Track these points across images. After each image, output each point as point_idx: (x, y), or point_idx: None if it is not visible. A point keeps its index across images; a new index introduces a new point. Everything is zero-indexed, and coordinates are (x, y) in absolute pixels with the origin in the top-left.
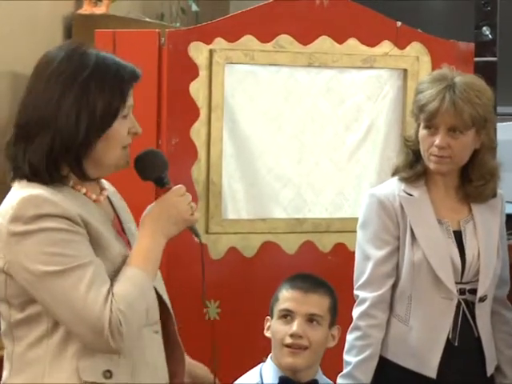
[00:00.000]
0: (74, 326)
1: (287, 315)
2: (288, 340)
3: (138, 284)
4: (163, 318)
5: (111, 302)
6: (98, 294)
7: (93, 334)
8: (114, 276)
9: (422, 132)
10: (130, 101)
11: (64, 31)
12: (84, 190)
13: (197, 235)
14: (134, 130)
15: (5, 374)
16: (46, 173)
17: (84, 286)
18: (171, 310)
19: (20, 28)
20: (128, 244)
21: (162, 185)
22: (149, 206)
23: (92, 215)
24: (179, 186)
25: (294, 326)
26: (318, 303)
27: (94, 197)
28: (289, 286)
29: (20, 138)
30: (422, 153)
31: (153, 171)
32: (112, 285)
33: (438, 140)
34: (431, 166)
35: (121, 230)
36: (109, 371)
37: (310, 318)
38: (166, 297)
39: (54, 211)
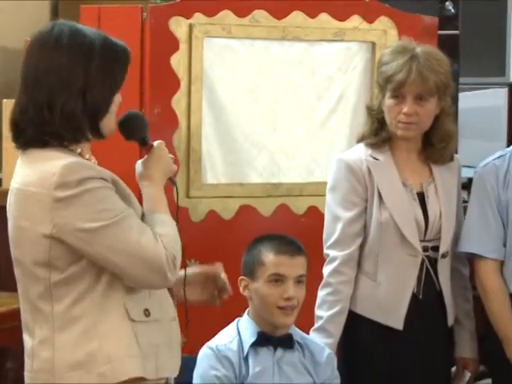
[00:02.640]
0: (133, 268)
1: (278, 279)
2: (282, 303)
3: (172, 225)
4: None
5: (161, 241)
6: (148, 236)
7: (152, 271)
8: None
9: (389, 101)
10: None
11: (51, 7)
12: (87, 157)
13: (174, 184)
14: (120, 99)
15: (41, 333)
16: (71, 135)
17: (135, 232)
18: None
19: (8, 5)
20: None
21: (144, 143)
22: (138, 163)
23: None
24: (160, 141)
25: (290, 290)
26: (302, 265)
27: (93, 161)
28: (275, 251)
29: (41, 106)
30: (388, 121)
31: (136, 132)
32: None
33: (405, 108)
34: (399, 132)
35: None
36: (147, 310)
37: (298, 280)
38: None
39: (93, 174)
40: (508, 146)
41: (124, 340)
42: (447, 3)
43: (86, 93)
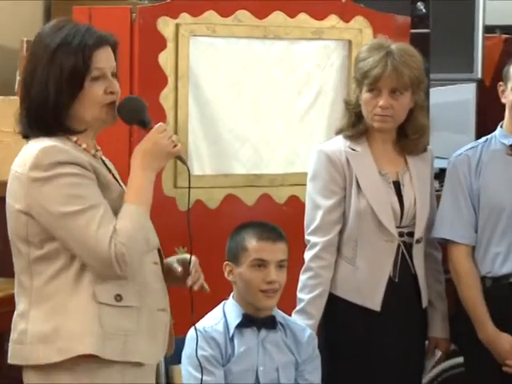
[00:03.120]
0: (87, 259)
1: (260, 264)
2: (264, 286)
3: (135, 218)
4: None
5: (116, 237)
6: (105, 231)
7: (103, 265)
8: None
9: (366, 95)
10: (102, 63)
11: (44, 7)
12: (84, 146)
13: (184, 163)
14: (109, 90)
15: (21, 307)
16: (35, 131)
17: (95, 224)
18: (163, 255)
19: (4, 6)
20: None
21: (144, 125)
22: (137, 147)
23: (92, 165)
24: (159, 124)
25: (272, 274)
26: (283, 250)
27: (92, 152)
28: (257, 237)
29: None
30: (365, 114)
31: (134, 115)
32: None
33: (381, 101)
34: (375, 124)
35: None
36: (119, 295)
37: (280, 264)
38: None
39: (68, 158)
40: (476, 139)
41: (86, 320)
42: (419, 3)
43: (45, 97)
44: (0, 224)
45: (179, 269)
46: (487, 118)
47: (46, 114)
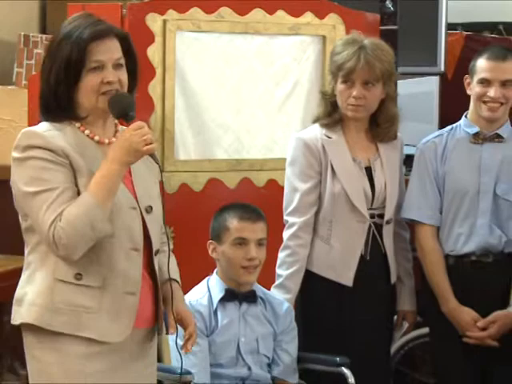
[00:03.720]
0: (39, 236)
1: (241, 242)
2: (245, 263)
3: (82, 205)
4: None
5: (59, 220)
6: (51, 214)
7: (47, 244)
8: None
9: (340, 86)
10: (100, 55)
11: (40, 4)
12: (87, 132)
13: (156, 161)
14: (106, 80)
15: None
16: (47, 114)
17: (45, 206)
18: (152, 243)
19: (3, 3)
20: (130, 183)
21: (127, 120)
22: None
23: (83, 151)
24: (138, 122)
25: (252, 252)
26: (263, 229)
27: (97, 138)
28: (238, 218)
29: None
30: (340, 104)
31: (120, 110)
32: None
33: (355, 92)
34: (349, 113)
35: (126, 177)
36: (79, 274)
37: (259, 242)
38: (154, 231)
39: (40, 143)
40: (439, 128)
41: (41, 292)
42: (387, 2)
43: (49, 83)
44: None
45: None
46: (449, 108)
47: (49, 101)
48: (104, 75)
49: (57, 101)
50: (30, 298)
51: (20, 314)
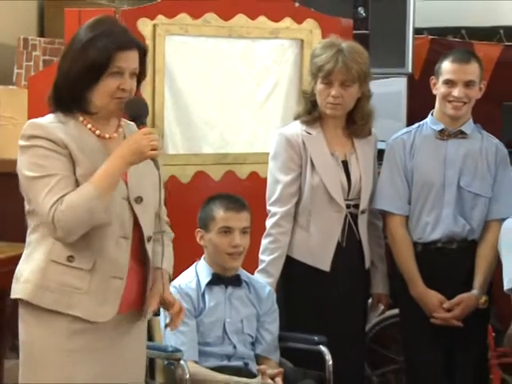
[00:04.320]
0: (40, 218)
1: (227, 231)
2: (230, 250)
3: (84, 195)
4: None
5: (59, 204)
6: (51, 197)
7: (47, 226)
8: None
9: (320, 86)
10: (122, 62)
11: (38, 10)
12: (89, 126)
13: (156, 167)
14: (122, 86)
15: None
16: (58, 106)
17: (46, 190)
18: (144, 231)
19: (3, 9)
20: (125, 175)
21: (138, 125)
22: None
23: (83, 144)
24: (148, 128)
25: (236, 239)
26: (246, 218)
27: (98, 132)
28: (224, 208)
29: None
30: (319, 102)
31: (135, 113)
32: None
33: (333, 91)
34: (328, 111)
35: None
36: (72, 256)
37: (243, 231)
38: (144, 220)
39: (42, 133)
40: (407, 125)
41: (35, 270)
42: (359, 8)
43: (68, 77)
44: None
45: (169, 318)
46: (416, 106)
47: (62, 93)
48: (121, 82)
49: (71, 94)
50: (25, 276)
51: (16, 290)
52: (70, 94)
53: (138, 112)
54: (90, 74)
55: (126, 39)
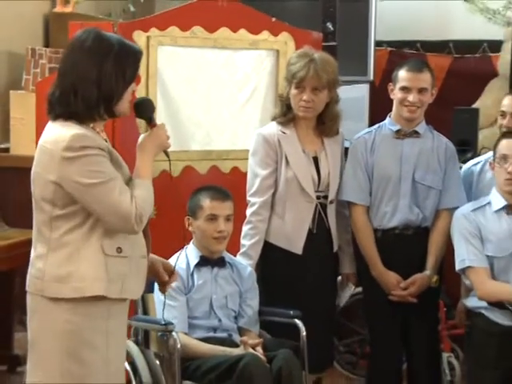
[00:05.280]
0: (110, 217)
1: (213, 218)
2: (216, 234)
3: (147, 188)
4: None
5: (135, 201)
6: (126, 196)
7: (123, 222)
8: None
9: (294, 91)
10: (138, 71)
11: (43, 23)
12: (98, 130)
13: (167, 156)
14: (135, 90)
15: (40, 250)
16: (88, 115)
17: (117, 191)
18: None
19: (15, 20)
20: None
21: (149, 121)
22: (141, 136)
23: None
24: (162, 123)
25: (221, 225)
26: (230, 207)
27: (104, 136)
28: (210, 198)
29: (67, 92)
30: (293, 105)
31: (144, 113)
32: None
33: (305, 96)
34: (300, 114)
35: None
36: (119, 248)
37: (227, 218)
38: None
39: (92, 143)
40: (369, 125)
41: (96, 267)
42: (328, 23)
43: (101, 84)
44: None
45: (166, 277)
46: (376, 109)
47: (98, 104)
48: (134, 85)
49: (105, 106)
50: (85, 274)
51: (83, 289)
52: (104, 103)
53: (148, 111)
54: (127, 82)
55: (139, 49)
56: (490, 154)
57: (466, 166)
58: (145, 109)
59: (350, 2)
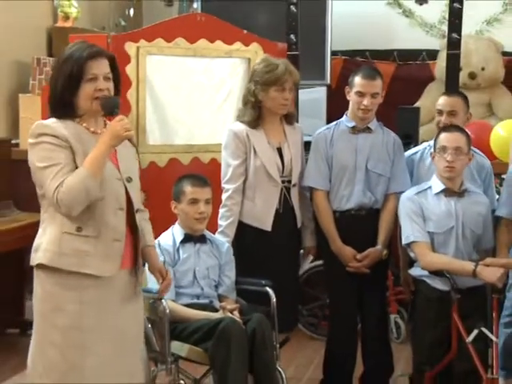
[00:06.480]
0: (48, 199)
1: (194, 202)
2: (197, 216)
3: (78, 176)
4: (129, 206)
5: (60, 187)
6: (55, 182)
7: (52, 204)
8: None
9: (274, 93)
10: (94, 70)
11: (47, 36)
12: (85, 125)
13: (133, 144)
14: (98, 88)
15: (40, 229)
16: (58, 112)
17: (51, 176)
18: (134, 204)
19: (22, 34)
20: (116, 161)
21: (113, 116)
22: None
23: (81, 139)
24: (120, 116)
25: (201, 208)
26: (209, 192)
27: (92, 129)
28: (191, 184)
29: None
30: (271, 106)
31: (107, 109)
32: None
33: (286, 95)
34: (280, 111)
35: (112, 156)
36: (80, 227)
37: (207, 201)
38: (133, 196)
39: (49, 131)
40: (327, 123)
41: (52, 241)
42: (291, 35)
43: (54, 87)
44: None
45: (160, 280)
46: (333, 109)
47: (56, 104)
48: (97, 84)
49: (62, 104)
50: (43, 246)
51: (36, 258)
52: (60, 103)
53: (109, 106)
54: (71, 83)
55: (92, 50)
56: (426, 144)
57: (406, 154)
58: (104, 105)
59: (310, 17)
